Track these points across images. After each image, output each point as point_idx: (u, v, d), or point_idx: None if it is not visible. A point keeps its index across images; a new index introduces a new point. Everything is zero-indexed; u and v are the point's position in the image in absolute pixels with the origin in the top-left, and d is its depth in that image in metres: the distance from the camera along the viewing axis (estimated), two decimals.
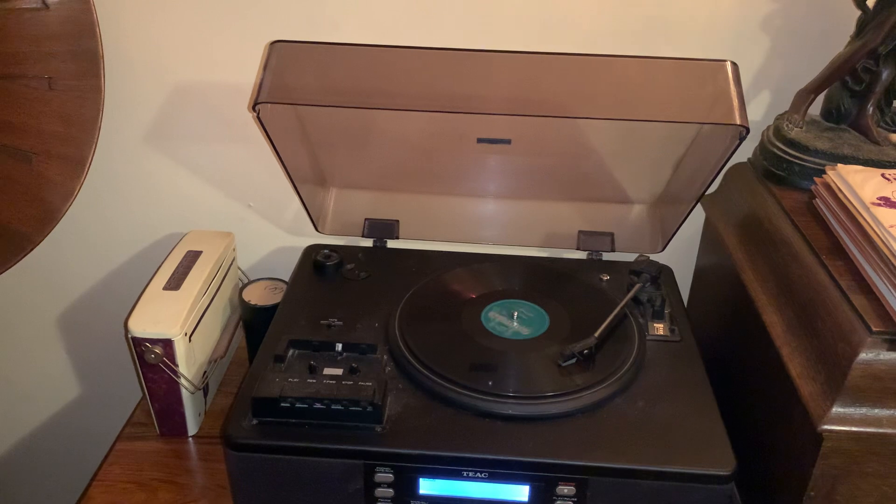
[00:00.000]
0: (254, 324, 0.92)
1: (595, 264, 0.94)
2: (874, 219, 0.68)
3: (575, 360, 0.74)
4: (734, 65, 0.75)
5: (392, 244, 0.98)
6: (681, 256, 1.03)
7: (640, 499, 0.67)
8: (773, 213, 0.81)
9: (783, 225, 0.79)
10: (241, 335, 0.98)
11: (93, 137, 0.93)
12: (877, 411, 0.62)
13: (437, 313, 0.82)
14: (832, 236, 0.74)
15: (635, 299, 0.84)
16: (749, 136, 0.73)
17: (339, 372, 0.72)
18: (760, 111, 0.95)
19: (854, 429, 0.62)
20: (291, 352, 0.75)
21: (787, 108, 0.88)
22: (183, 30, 0.93)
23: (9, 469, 1.32)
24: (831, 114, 0.87)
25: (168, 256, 0.91)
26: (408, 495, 0.69)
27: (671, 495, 0.66)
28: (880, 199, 0.70)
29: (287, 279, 0.94)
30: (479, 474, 0.67)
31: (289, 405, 0.68)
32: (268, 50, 0.78)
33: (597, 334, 0.75)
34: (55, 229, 0.98)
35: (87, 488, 0.82)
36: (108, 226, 1.07)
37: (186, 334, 0.82)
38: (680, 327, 0.82)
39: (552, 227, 0.97)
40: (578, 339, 0.75)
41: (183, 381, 0.83)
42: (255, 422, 0.69)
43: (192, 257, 0.91)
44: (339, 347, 0.75)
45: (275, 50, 0.78)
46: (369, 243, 0.98)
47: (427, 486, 0.68)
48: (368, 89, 0.77)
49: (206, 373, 0.89)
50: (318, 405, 0.68)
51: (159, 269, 0.89)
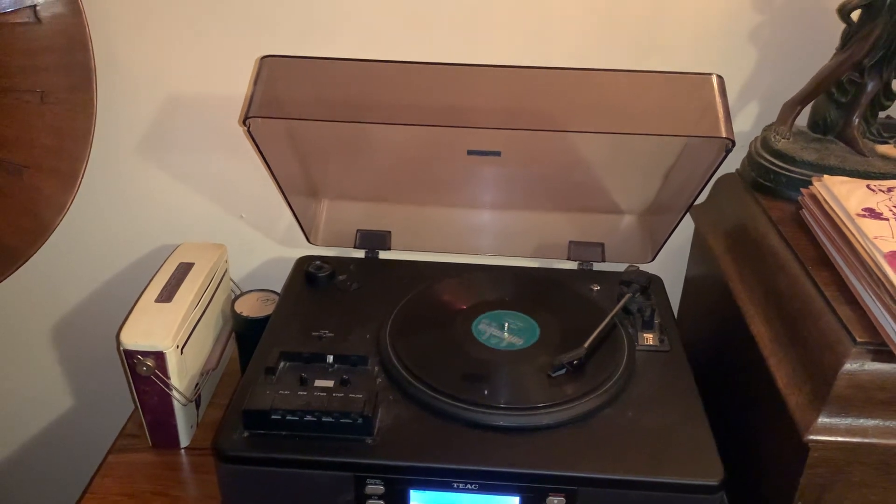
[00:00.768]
0: (246, 335, 0.92)
1: (585, 274, 0.95)
2: (859, 230, 0.68)
3: (564, 371, 0.74)
4: (720, 78, 0.76)
5: (384, 255, 0.98)
6: (670, 266, 1.03)
7: None
8: (761, 223, 0.82)
9: (771, 235, 0.80)
10: (233, 346, 0.98)
11: (85, 151, 0.93)
12: (862, 421, 0.63)
13: (428, 324, 0.83)
14: (819, 247, 0.74)
15: (625, 309, 0.84)
16: (737, 147, 0.74)
17: (331, 384, 0.72)
18: (748, 122, 0.96)
19: (840, 438, 0.62)
20: (283, 364, 0.76)
21: (774, 119, 0.89)
22: (175, 43, 0.94)
23: (1, 480, 1.32)
24: (818, 125, 0.88)
25: (160, 268, 0.92)
26: None
27: None
28: (865, 210, 0.71)
29: (279, 290, 0.94)
30: (469, 486, 0.67)
31: (280, 417, 0.68)
32: (258, 64, 0.78)
33: (586, 345, 0.76)
34: (47, 241, 0.98)
35: (79, 501, 0.82)
36: (100, 238, 1.07)
37: (178, 346, 0.82)
38: (669, 337, 0.83)
39: (543, 237, 0.97)
40: (569, 350, 0.76)
41: (175, 393, 0.83)
42: (247, 434, 0.69)
43: (184, 269, 0.91)
44: (331, 359, 0.76)
45: (265, 64, 0.78)
46: (361, 254, 0.98)
47: (418, 498, 0.69)
48: (359, 103, 0.77)
49: (198, 384, 0.89)
50: (309, 417, 0.68)
51: (151, 281, 0.89)
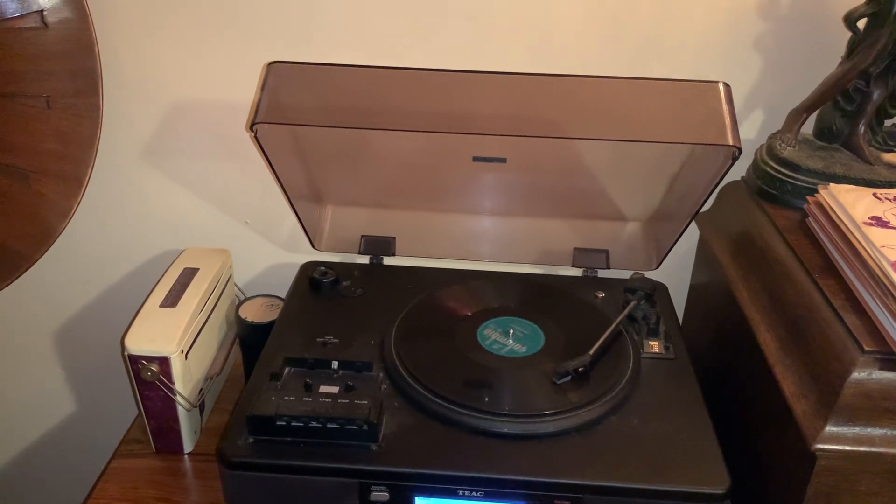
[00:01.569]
0: (250, 341, 0.92)
1: (590, 281, 0.95)
2: (866, 238, 0.68)
3: (569, 378, 0.74)
4: (726, 86, 0.76)
5: (388, 261, 0.98)
6: (675, 274, 1.03)
7: None
8: (767, 231, 0.82)
9: (776, 243, 0.79)
10: (237, 352, 0.98)
11: (90, 156, 0.94)
12: (869, 430, 0.62)
13: (432, 331, 0.83)
14: (825, 255, 0.74)
15: (630, 317, 0.84)
16: (742, 155, 0.74)
17: (335, 390, 0.72)
18: (754, 130, 0.96)
19: (847, 448, 0.62)
20: (287, 369, 0.76)
21: (779, 127, 0.89)
22: (180, 49, 0.94)
23: (4, 486, 1.32)
24: (823, 133, 0.88)
25: (165, 274, 0.92)
26: None
27: None
28: (872, 218, 0.71)
29: (283, 296, 0.94)
30: (474, 493, 0.67)
31: (284, 423, 0.68)
32: (265, 70, 0.79)
33: (591, 352, 0.76)
34: (52, 247, 0.99)
35: None
36: (105, 243, 1.07)
37: (183, 352, 0.82)
38: (674, 345, 0.83)
39: (547, 244, 0.97)
40: (573, 357, 0.75)
41: (179, 398, 0.83)
42: (251, 440, 0.69)
43: (189, 274, 0.91)
44: (335, 365, 0.76)
45: (272, 71, 0.78)
46: (365, 260, 0.98)
47: None
48: (365, 109, 0.77)
49: (202, 390, 0.89)
50: (314, 423, 0.68)
51: (156, 286, 0.89)
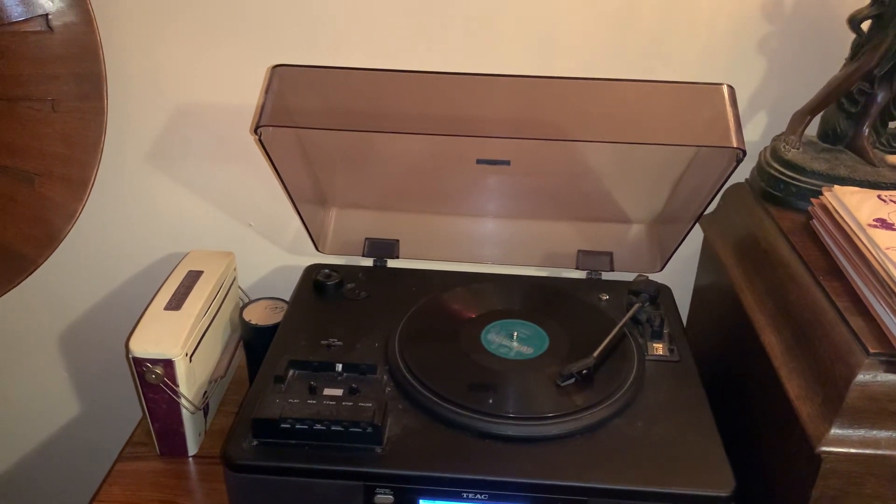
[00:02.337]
0: (254, 343, 0.92)
1: (594, 284, 0.94)
2: (870, 240, 0.68)
3: (573, 380, 0.74)
4: (730, 88, 0.76)
5: (392, 264, 0.98)
6: (679, 276, 1.03)
7: None
8: (771, 233, 0.82)
9: (781, 245, 0.79)
10: (241, 355, 0.98)
11: (95, 159, 0.94)
12: (875, 433, 0.62)
13: (436, 333, 0.83)
14: (829, 257, 0.74)
15: (634, 319, 0.84)
16: (747, 157, 0.74)
17: (340, 392, 0.72)
18: (758, 132, 0.96)
19: (852, 450, 0.62)
20: (292, 372, 0.76)
21: (784, 129, 0.89)
22: (185, 52, 0.94)
23: (9, 489, 1.32)
24: (828, 135, 0.88)
25: (169, 276, 0.92)
26: None
27: None
28: (876, 220, 0.70)
29: (287, 299, 0.94)
30: (478, 496, 0.67)
31: (289, 426, 0.68)
32: (270, 73, 0.79)
33: (595, 354, 0.75)
34: (57, 250, 0.99)
35: None
36: (110, 246, 1.08)
37: (187, 354, 0.82)
38: (679, 347, 0.82)
39: (551, 246, 0.97)
40: (578, 359, 0.75)
41: (183, 401, 0.83)
42: (256, 443, 0.69)
43: (193, 277, 0.91)
44: (340, 368, 0.76)
45: (276, 73, 0.79)
46: (370, 263, 0.98)
47: None
48: (369, 112, 0.77)
49: (206, 393, 0.89)
50: (319, 426, 0.68)
51: (160, 289, 0.89)
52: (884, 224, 0.70)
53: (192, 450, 0.88)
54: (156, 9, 0.92)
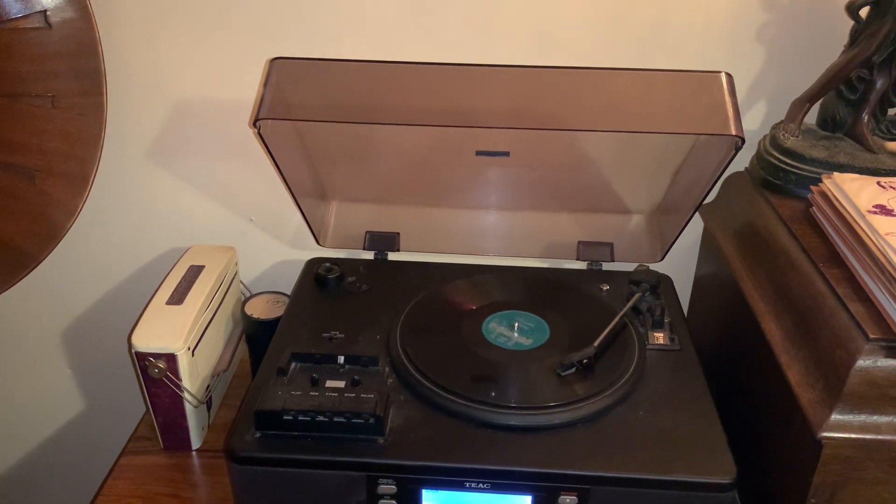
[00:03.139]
0: (256, 337, 0.92)
1: (595, 274, 0.95)
2: (870, 227, 0.68)
3: (574, 370, 0.74)
4: (729, 76, 0.76)
5: (393, 257, 0.98)
6: (680, 266, 1.03)
7: None
8: (771, 221, 0.82)
9: (780, 233, 0.79)
10: (243, 349, 0.99)
11: (95, 155, 0.94)
12: (876, 418, 0.62)
13: (438, 325, 0.83)
14: (829, 244, 0.74)
15: (635, 309, 0.84)
16: (746, 146, 0.74)
17: (342, 384, 0.72)
18: (757, 120, 0.96)
19: (853, 436, 0.62)
20: (294, 365, 0.76)
21: (783, 117, 0.89)
22: (184, 47, 0.94)
23: (14, 485, 1.32)
24: (827, 123, 0.88)
25: (171, 271, 0.92)
26: None
27: None
28: (876, 207, 0.71)
29: (289, 293, 0.94)
30: (481, 485, 0.67)
31: (291, 418, 0.68)
32: (268, 66, 0.79)
33: (596, 343, 0.76)
34: (58, 246, 0.99)
35: (91, 503, 0.82)
36: (111, 242, 1.08)
37: (189, 348, 0.82)
38: (680, 336, 0.83)
39: (552, 237, 0.98)
40: (579, 349, 0.76)
41: (186, 395, 0.83)
42: (258, 435, 0.69)
43: (195, 272, 0.91)
44: (341, 360, 0.76)
45: (275, 66, 0.79)
46: (370, 256, 0.98)
47: (430, 498, 0.69)
48: (368, 104, 0.77)
49: (209, 386, 0.89)
50: (321, 418, 0.68)
51: (162, 283, 0.90)
52: (883, 210, 0.70)
53: (195, 444, 0.88)
54: (154, 4, 0.92)
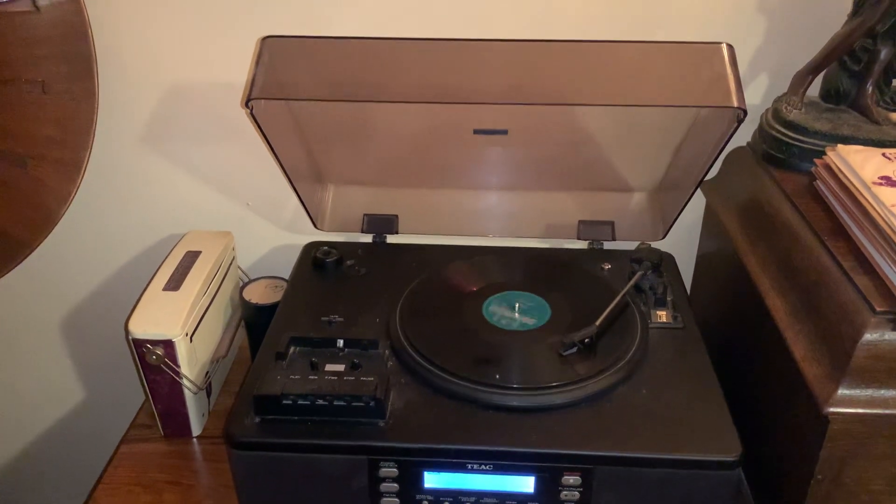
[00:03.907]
0: (255, 323, 0.92)
1: (596, 254, 0.94)
2: (875, 198, 0.67)
3: (576, 350, 0.73)
4: (730, 47, 0.75)
5: (391, 239, 0.97)
6: (682, 244, 1.02)
7: (646, 487, 0.66)
8: (774, 196, 0.81)
9: (784, 208, 0.78)
10: (242, 335, 0.98)
11: (88, 140, 0.93)
12: (883, 392, 0.61)
13: (438, 307, 0.82)
14: (833, 218, 0.73)
15: (637, 287, 0.83)
16: (748, 120, 0.73)
17: (341, 368, 0.71)
18: (759, 94, 0.94)
19: (860, 410, 0.61)
20: (293, 349, 0.75)
21: (785, 90, 0.87)
22: (176, 29, 0.93)
23: (14, 474, 1.32)
24: (830, 94, 0.87)
25: (167, 257, 0.91)
26: (413, 489, 0.69)
27: (677, 482, 0.66)
28: (881, 178, 0.69)
29: (287, 277, 0.94)
30: (483, 466, 0.67)
31: (291, 402, 0.68)
32: (259, 45, 0.77)
33: (597, 323, 0.75)
34: (53, 234, 0.98)
35: (92, 491, 0.82)
36: (106, 229, 1.07)
37: (187, 334, 0.81)
38: (682, 314, 0.82)
39: (552, 217, 0.97)
40: (580, 329, 0.75)
41: (185, 381, 0.83)
42: (258, 420, 0.69)
43: (191, 258, 0.90)
44: (341, 343, 0.75)
45: (266, 45, 0.77)
46: (368, 239, 0.97)
47: (432, 480, 0.68)
48: (362, 82, 0.76)
49: (208, 373, 0.88)
50: (321, 401, 0.67)
51: (158, 270, 0.89)
52: (889, 181, 0.69)
53: (195, 430, 0.87)
54: None
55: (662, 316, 0.81)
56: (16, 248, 0.96)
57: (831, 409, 0.61)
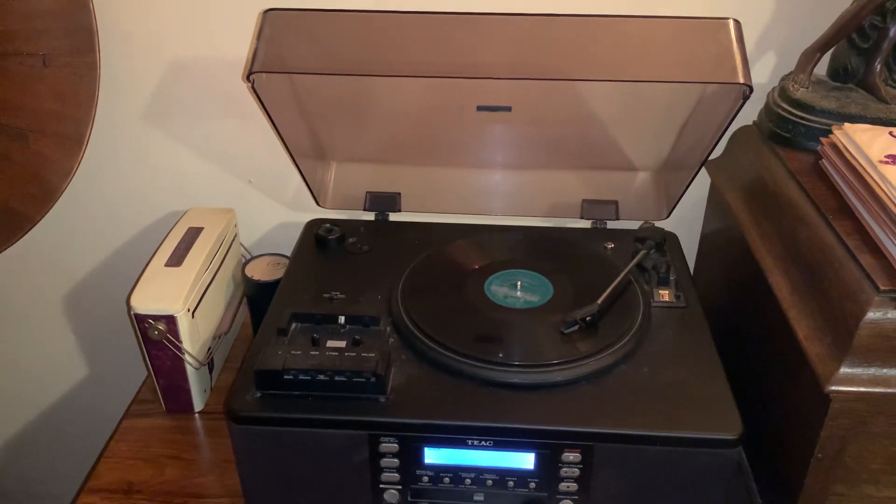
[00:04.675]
0: (257, 299, 0.92)
1: (600, 233, 0.93)
2: (882, 177, 0.66)
3: (577, 327, 0.73)
4: (737, 22, 0.74)
5: (394, 217, 0.97)
6: (686, 223, 1.02)
7: (646, 465, 0.66)
8: (779, 175, 0.80)
9: (789, 187, 0.78)
10: (245, 311, 0.98)
11: (90, 115, 0.92)
12: (885, 371, 0.61)
13: (439, 284, 0.82)
14: (839, 197, 0.72)
15: (640, 266, 0.83)
16: (754, 98, 0.72)
17: (342, 344, 0.71)
18: (766, 72, 0.93)
19: (862, 389, 0.61)
20: (294, 325, 0.75)
21: (792, 68, 0.86)
22: (178, 3, 0.92)
23: (18, 449, 1.33)
24: (838, 73, 0.86)
25: (169, 233, 0.91)
26: (413, 465, 0.69)
27: (678, 461, 0.66)
28: (888, 157, 0.69)
29: (289, 254, 0.93)
30: (484, 443, 0.67)
31: (292, 377, 0.68)
32: (261, 18, 0.77)
33: (599, 301, 0.74)
34: (55, 210, 0.98)
35: (94, 465, 0.83)
36: (109, 205, 1.07)
37: (189, 310, 0.81)
38: (685, 293, 0.81)
39: (555, 196, 0.96)
40: (583, 307, 0.74)
41: (187, 357, 0.83)
42: (259, 395, 0.69)
43: (193, 234, 0.90)
44: (342, 320, 0.75)
45: (268, 18, 0.77)
46: (371, 216, 0.97)
47: (432, 456, 0.68)
48: (365, 56, 0.75)
49: (210, 349, 0.88)
50: (322, 377, 0.67)
51: (160, 246, 0.89)
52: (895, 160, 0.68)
53: (197, 406, 0.88)
54: None
55: (665, 295, 0.81)
56: (17, 222, 0.96)
57: (833, 388, 0.61)
